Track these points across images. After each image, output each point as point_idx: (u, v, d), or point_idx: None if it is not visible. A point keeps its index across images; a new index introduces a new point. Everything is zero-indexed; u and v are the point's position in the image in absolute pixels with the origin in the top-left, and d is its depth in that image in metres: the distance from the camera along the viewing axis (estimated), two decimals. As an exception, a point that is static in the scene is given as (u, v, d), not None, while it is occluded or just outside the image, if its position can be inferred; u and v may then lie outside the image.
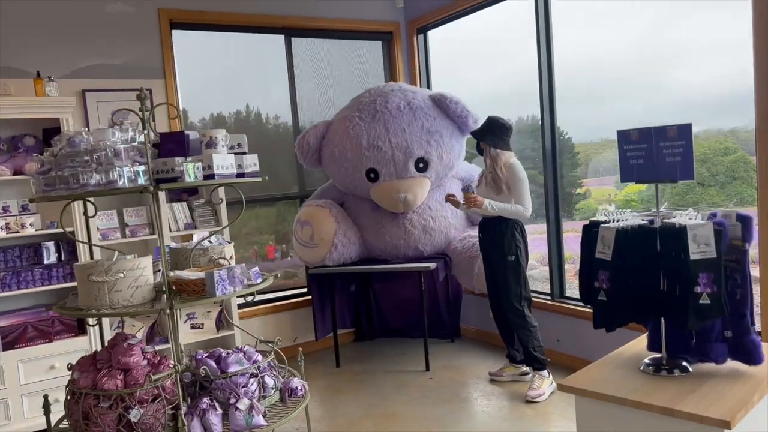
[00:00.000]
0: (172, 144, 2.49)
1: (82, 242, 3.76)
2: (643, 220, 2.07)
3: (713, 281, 1.77)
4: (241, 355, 2.57)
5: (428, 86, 5.46)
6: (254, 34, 4.94)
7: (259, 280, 2.56)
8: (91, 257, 3.05)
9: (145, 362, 2.41)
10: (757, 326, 3.12)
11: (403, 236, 4.52)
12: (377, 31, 5.41)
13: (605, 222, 2.07)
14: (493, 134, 3.83)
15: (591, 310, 2.17)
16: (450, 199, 3.93)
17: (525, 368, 4.09)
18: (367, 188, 4.52)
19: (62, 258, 3.95)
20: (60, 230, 3.59)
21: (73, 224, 3.76)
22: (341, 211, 4.56)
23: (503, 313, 3.94)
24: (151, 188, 2.30)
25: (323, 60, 5.27)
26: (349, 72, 5.41)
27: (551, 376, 3.89)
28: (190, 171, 2.33)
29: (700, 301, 1.81)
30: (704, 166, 3.81)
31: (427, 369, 4.41)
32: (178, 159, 2.33)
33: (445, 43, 5.40)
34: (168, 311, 2.37)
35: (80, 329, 3.91)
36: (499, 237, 3.82)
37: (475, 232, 4.24)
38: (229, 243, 2.82)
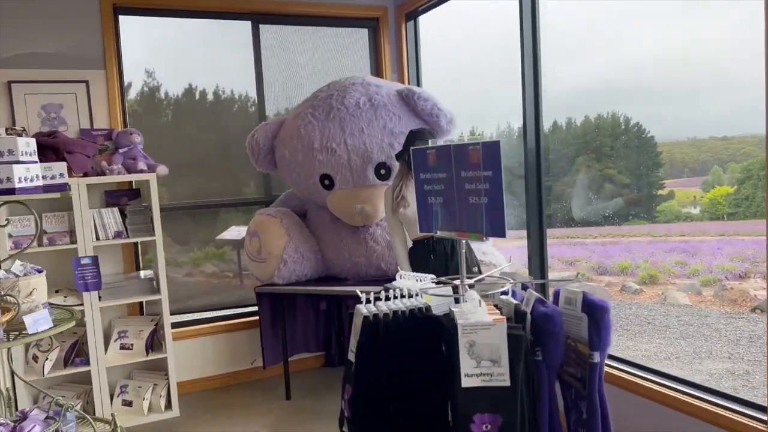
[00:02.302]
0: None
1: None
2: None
3: (502, 428, 1.06)
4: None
5: (418, 80, 4.79)
6: (215, 20, 4.42)
7: (42, 328, 2.01)
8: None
9: None
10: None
11: (364, 253, 3.89)
12: (362, 17, 4.77)
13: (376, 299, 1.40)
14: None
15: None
16: None
17: None
18: (322, 196, 3.92)
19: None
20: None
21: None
22: (295, 222, 3.97)
23: None
24: None
25: (297, 52, 4.68)
26: (331, 65, 4.80)
27: None
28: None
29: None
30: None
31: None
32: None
33: (439, 30, 4.72)
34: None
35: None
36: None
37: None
38: (40, 272, 2.28)
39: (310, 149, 3.77)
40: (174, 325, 4.38)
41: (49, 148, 3.61)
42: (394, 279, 3.87)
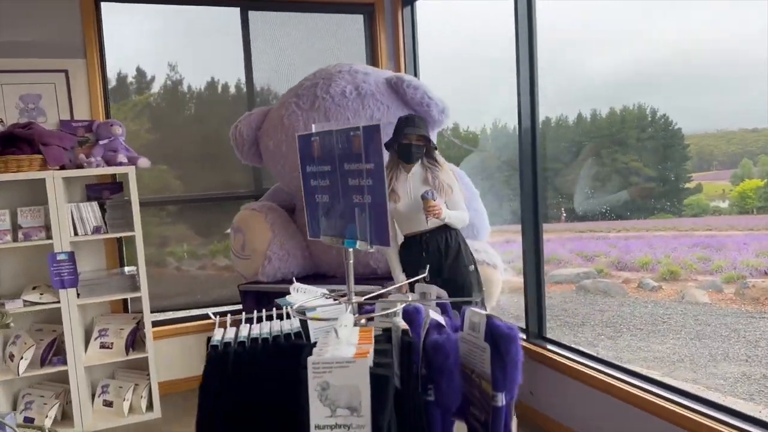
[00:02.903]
0: None
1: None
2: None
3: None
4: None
5: (414, 69, 4.57)
6: (201, 6, 4.25)
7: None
8: None
9: None
10: None
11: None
12: (357, 3, 4.56)
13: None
14: (428, 132, 3.23)
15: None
16: (431, 208, 3.03)
17: None
18: (308, 190, 3.73)
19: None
20: None
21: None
22: (280, 217, 3.79)
23: None
24: None
25: (288, 39, 4.50)
26: (325, 54, 4.60)
27: None
28: None
29: None
30: None
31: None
32: None
33: (438, 16, 4.50)
34: None
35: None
36: (455, 246, 3.19)
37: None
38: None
39: (293, 140, 3.58)
40: (166, 322, 4.26)
41: (24, 140, 3.49)
42: (384, 277, 3.68)
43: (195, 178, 4.38)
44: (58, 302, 3.54)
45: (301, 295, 1.60)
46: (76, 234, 3.62)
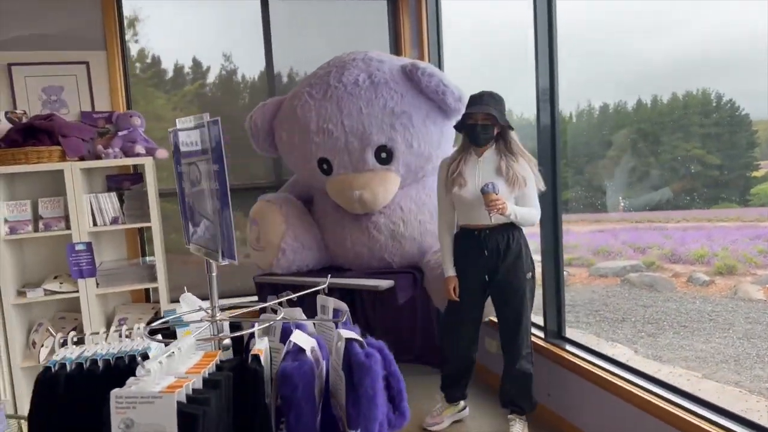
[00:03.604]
0: None
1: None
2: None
3: None
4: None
5: (439, 58, 4.43)
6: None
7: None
8: None
9: None
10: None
11: (367, 243, 3.61)
12: (380, -11, 4.45)
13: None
14: (501, 111, 2.90)
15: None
16: (493, 202, 2.78)
17: (462, 403, 3.32)
18: (321, 182, 3.67)
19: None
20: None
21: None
22: (295, 209, 3.74)
23: (509, 348, 3.04)
24: None
25: (310, 28, 4.43)
26: (348, 42, 4.50)
27: None
28: None
29: None
30: None
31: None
32: None
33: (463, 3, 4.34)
34: None
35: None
36: (516, 249, 2.93)
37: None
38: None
39: (306, 131, 3.52)
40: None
41: (44, 132, 3.54)
42: (400, 271, 3.59)
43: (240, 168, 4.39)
44: (77, 292, 3.59)
45: (185, 306, 1.49)
46: (95, 224, 3.66)
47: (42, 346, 3.55)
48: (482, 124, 2.85)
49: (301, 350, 1.08)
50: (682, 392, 2.50)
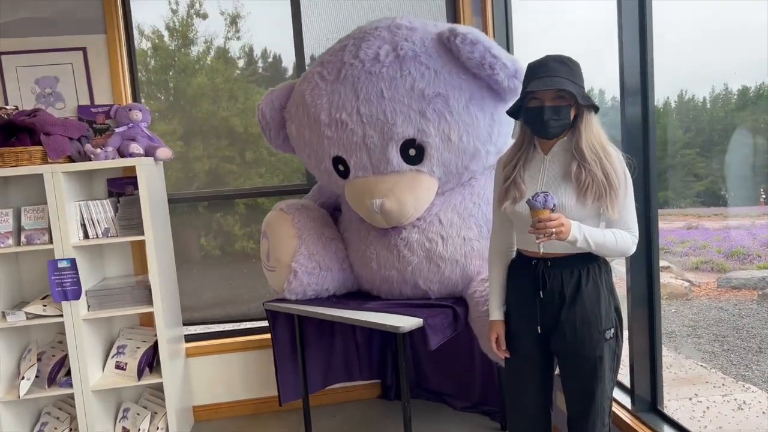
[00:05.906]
0: None
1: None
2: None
3: None
4: None
5: (507, 30, 3.49)
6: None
7: None
8: None
9: None
10: None
11: (396, 265, 2.79)
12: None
13: None
14: (579, 85, 1.90)
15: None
16: (542, 223, 1.82)
17: None
18: (340, 186, 2.89)
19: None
20: None
21: None
22: (313, 221, 2.98)
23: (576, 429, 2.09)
24: None
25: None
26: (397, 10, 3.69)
27: None
28: None
29: None
30: None
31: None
32: None
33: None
34: None
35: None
36: (592, 292, 1.96)
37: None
38: None
39: (317, 123, 2.75)
40: (203, 336, 3.72)
41: (26, 130, 3.04)
42: (436, 305, 2.74)
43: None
44: (61, 315, 3.08)
45: None
46: (86, 237, 3.13)
47: (23, 378, 3.07)
48: (552, 106, 1.91)
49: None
50: None
